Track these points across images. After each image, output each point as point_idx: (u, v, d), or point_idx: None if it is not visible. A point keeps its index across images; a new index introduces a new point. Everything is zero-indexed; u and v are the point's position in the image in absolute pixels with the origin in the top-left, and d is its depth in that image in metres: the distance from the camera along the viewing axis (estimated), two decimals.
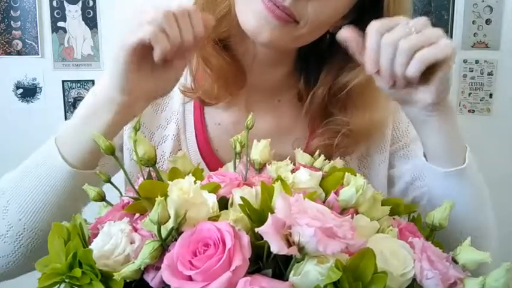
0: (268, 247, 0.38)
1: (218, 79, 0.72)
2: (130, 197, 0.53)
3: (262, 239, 0.39)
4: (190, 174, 0.47)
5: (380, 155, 0.77)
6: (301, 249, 0.39)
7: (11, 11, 1.91)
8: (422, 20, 0.55)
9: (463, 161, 0.63)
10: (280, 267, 0.42)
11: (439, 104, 0.58)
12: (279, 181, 0.47)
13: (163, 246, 0.43)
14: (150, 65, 0.59)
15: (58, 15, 1.92)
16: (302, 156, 0.63)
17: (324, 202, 0.51)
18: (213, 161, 0.75)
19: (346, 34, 0.57)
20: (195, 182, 0.44)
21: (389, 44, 0.53)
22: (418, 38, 0.53)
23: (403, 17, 0.56)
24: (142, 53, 0.57)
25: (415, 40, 0.53)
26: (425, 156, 0.65)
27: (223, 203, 0.48)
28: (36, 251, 0.62)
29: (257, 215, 0.43)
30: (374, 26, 0.55)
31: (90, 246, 0.46)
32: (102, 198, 0.55)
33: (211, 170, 0.71)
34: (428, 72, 0.55)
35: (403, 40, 0.53)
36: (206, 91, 0.73)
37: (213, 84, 0.73)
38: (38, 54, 1.94)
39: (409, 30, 0.53)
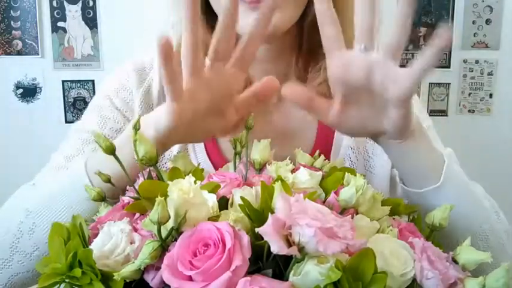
0: (268, 247, 0.38)
1: None
2: (130, 197, 0.53)
3: (262, 239, 0.39)
4: (190, 174, 0.47)
5: (384, 154, 0.78)
6: (301, 249, 0.39)
7: (11, 11, 1.92)
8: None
9: (439, 179, 0.60)
10: (280, 267, 0.42)
11: (405, 131, 0.56)
12: (279, 181, 0.47)
13: (163, 246, 0.43)
14: (200, 118, 0.55)
15: (58, 15, 1.92)
16: (302, 156, 0.63)
17: (324, 202, 0.51)
18: (220, 161, 0.75)
19: (290, 92, 0.55)
20: (195, 182, 0.44)
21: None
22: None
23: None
24: (194, 113, 0.53)
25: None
26: (402, 181, 0.63)
27: (223, 203, 0.48)
28: None
29: (257, 215, 0.43)
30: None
31: (90, 246, 0.46)
32: (102, 198, 0.55)
33: (217, 170, 0.71)
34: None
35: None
36: None
37: None
38: (38, 54, 1.94)
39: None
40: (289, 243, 0.39)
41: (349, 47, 0.52)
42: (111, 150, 0.53)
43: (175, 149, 0.76)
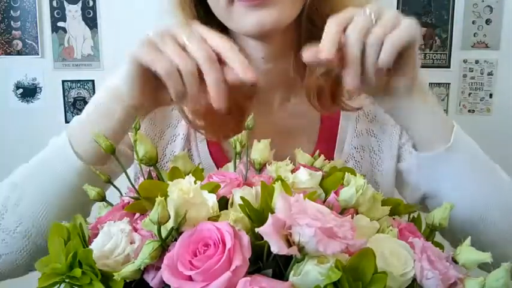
0: (268, 247, 0.38)
1: (225, 120, 0.72)
2: (130, 197, 0.53)
3: (262, 239, 0.39)
4: (190, 174, 0.47)
5: (390, 150, 0.77)
6: (301, 249, 0.39)
7: (11, 11, 1.91)
8: (377, 5, 0.54)
9: (449, 139, 0.62)
10: (280, 267, 0.42)
11: (413, 85, 0.59)
12: (279, 181, 0.47)
13: (163, 246, 0.43)
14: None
15: (58, 15, 1.92)
16: (302, 156, 0.63)
17: (324, 202, 0.51)
18: (223, 161, 0.75)
19: (310, 56, 0.55)
20: (195, 182, 0.44)
21: (356, 39, 0.52)
22: (382, 27, 0.52)
23: (354, 8, 0.54)
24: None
25: (380, 30, 0.52)
26: (415, 147, 0.65)
27: (223, 203, 0.48)
28: (43, 249, 0.61)
29: (257, 215, 0.43)
30: (333, 21, 0.53)
31: (90, 246, 0.46)
32: (102, 198, 0.55)
33: None
34: (397, 57, 0.54)
35: (369, 33, 0.52)
36: (215, 133, 0.74)
37: (222, 128, 0.73)
38: (38, 54, 1.94)
39: (370, 20, 0.52)
40: (289, 243, 0.39)
41: None
42: (111, 150, 0.53)
43: (177, 149, 0.76)
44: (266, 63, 0.73)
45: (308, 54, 0.54)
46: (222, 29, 0.70)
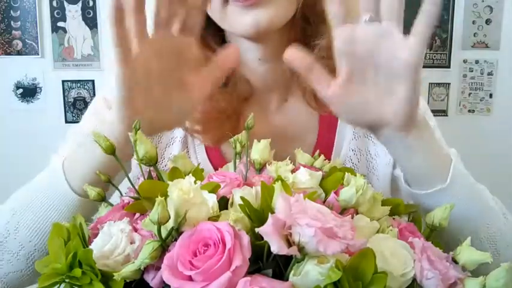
0: (268, 247, 0.38)
1: (222, 123, 0.72)
2: (130, 197, 0.53)
3: (262, 239, 0.39)
4: (190, 174, 0.47)
5: (386, 156, 0.77)
6: (301, 249, 0.39)
7: (11, 11, 1.92)
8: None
9: (446, 178, 0.58)
10: (280, 267, 0.42)
11: (410, 121, 0.54)
12: (279, 181, 0.47)
13: (163, 246, 0.43)
14: (158, 91, 0.55)
15: (58, 15, 1.92)
16: (302, 156, 0.63)
17: (324, 202, 0.51)
18: (221, 164, 0.75)
19: (290, 56, 0.55)
20: (195, 182, 0.44)
21: None
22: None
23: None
24: (147, 83, 0.53)
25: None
26: (407, 182, 0.62)
27: (223, 203, 0.48)
28: None
29: (257, 215, 0.43)
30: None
31: (90, 246, 0.46)
32: (102, 198, 0.55)
33: None
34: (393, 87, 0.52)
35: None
36: (213, 138, 0.73)
37: (219, 131, 0.72)
38: (38, 54, 1.94)
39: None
40: (289, 243, 0.39)
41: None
42: (111, 150, 0.53)
43: (175, 150, 0.76)
44: (262, 64, 0.73)
45: (289, 53, 0.54)
46: (219, 30, 0.71)
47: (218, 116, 0.72)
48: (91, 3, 1.92)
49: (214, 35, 0.71)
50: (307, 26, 0.70)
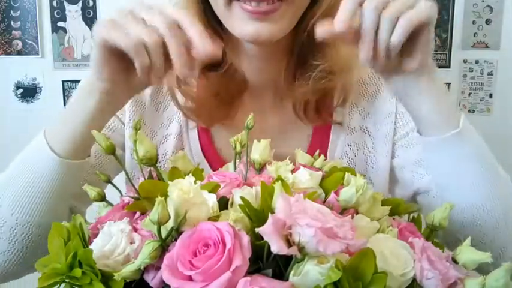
0: (268, 247, 0.38)
1: (214, 106, 0.73)
2: (130, 197, 0.53)
3: (262, 239, 0.39)
4: (190, 174, 0.47)
5: (384, 147, 0.77)
6: (301, 249, 0.39)
7: (11, 11, 1.91)
8: None
9: (458, 123, 0.61)
10: (280, 267, 0.42)
11: (424, 66, 0.58)
12: (279, 181, 0.47)
13: (163, 246, 0.43)
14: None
15: (58, 15, 1.92)
16: (302, 156, 0.63)
17: (324, 202, 0.51)
18: (216, 160, 0.75)
19: (323, 32, 0.55)
20: (195, 182, 0.44)
21: (372, 10, 0.52)
22: (399, 4, 0.53)
23: None
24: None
25: (396, 6, 0.53)
26: (419, 132, 0.64)
27: (223, 203, 0.48)
28: (32, 249, 0.61)
29: (257, 215, 0.43)
30: None
31: (90, 246, 0.46)
32: (102, 198, 0.55)
33: (214, 169, 0.71)
34: (410, 37, 0.54)
35: (386, 8, 0.52)
36: (206, 120, 0.75)
37: (211, 114, 0.74)
38: (38, 54, 1.94)
39: None
40: (289, 243, 0.39)
41: None
42: (111, 150, 0.53)
43: (170, 149, 0.76)
44: (257, 61, 0.74)
45: (321, 29, 0.54)
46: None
47: (212, 97, 0.73)
48: (91, 3, 1.92)
49: (215, 15, 0.70)
50: (307, 43, 0.71)
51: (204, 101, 0.74)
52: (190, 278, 0.40)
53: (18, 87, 1.98)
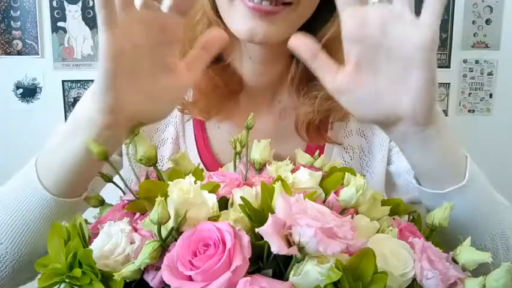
0: (268, 247, 0.38)
1: (213, 98, 0.73)
2: (129, 201, 0.53)
3: (262, 239, 0.39)
4: (190, 174, 0.47)
5: (380, 152, 0.77)
6: (301, 249, 0.39)
7: (11, 11, 1.92)
8: None
9: (463, 176, 0.54)
10: (280, 267, 0.42)
11: (428, 113, 0.49)
12: (279, 181, 0.47)
13: (163, 246, 0.43)
14: (144, 72, 0.51)
15: (58, 15, 1.92)
16: (302, 156, 0.63)
17: (324, 202, 0.51)
18: (213, 164, 0.75)
19: (295, 42, 0.52)
20: (195, 182, 0.44)
21: None
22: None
23: None
24: (132, 58, 0.49)
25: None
26: (416, 178, 0.58)
27: (223, 203, 0.48)
28: (22, 271, 0.59)
29: (257, 215, 0.43)
30: None
31: (90, 246, 0.46)
32: (100, 203, 0.54)
33: None
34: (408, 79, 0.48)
35: None
36: (203, 110, 0.74)
37: (208, 105, 0.73)
38: (38, 54, 1.94)
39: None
40: (289, 243, 0.39)
41: None
42: (103, 156, 0.49)
43: (167, 154, 0.76)
44: (260, 64, 0.74)
45: (294, 39, 0.52)
46: None
47: (211, 89, 0.73)
48: (91, 3, 1.92)
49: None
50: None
51: (203, 91, 0.72)
52: (190, 278, 0.40)
53: (18, 87, 1.98)
